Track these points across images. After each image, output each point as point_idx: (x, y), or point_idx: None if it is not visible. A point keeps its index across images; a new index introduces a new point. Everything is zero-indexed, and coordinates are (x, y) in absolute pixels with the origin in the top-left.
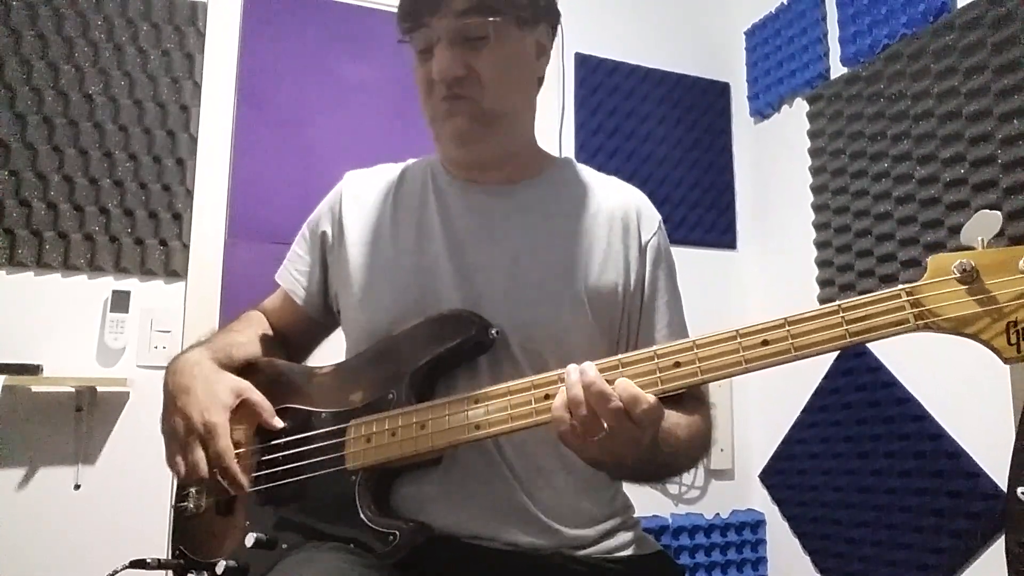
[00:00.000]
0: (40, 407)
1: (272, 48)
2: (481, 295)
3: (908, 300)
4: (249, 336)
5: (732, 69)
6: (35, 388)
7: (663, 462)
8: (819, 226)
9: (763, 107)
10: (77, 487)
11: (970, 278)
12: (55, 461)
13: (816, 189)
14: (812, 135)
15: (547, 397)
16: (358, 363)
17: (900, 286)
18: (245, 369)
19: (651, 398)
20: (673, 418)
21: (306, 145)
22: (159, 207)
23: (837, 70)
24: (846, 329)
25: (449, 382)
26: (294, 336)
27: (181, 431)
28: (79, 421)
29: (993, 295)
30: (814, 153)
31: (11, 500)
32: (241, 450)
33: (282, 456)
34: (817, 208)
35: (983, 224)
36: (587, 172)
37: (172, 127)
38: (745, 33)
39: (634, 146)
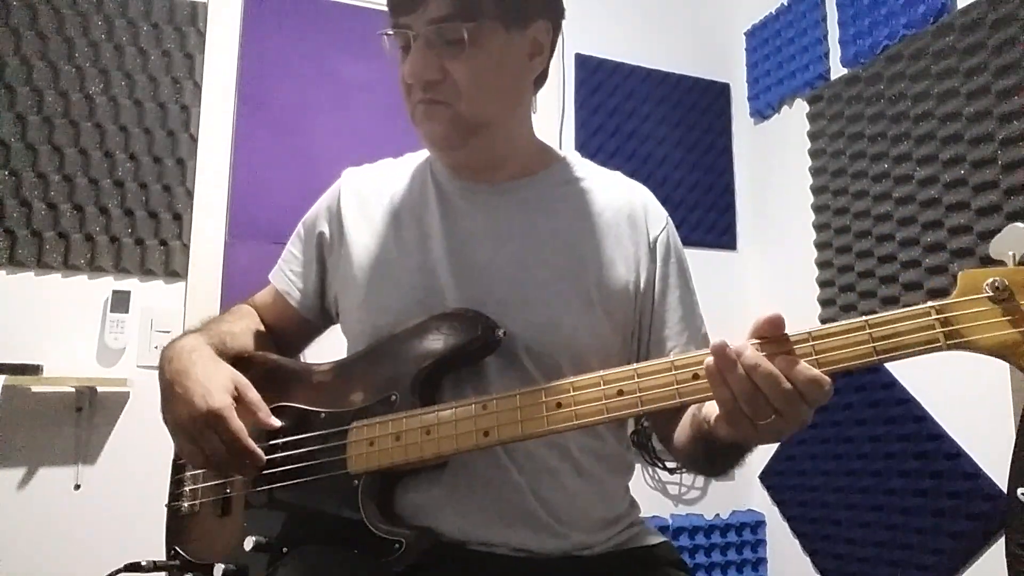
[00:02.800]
0: (40, 407)
1: (272, 48)
2: (487, 296)
3: (937, 319)
4: (242, 328)
5: (732, 70)
6: (35, 388)
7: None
8: (819, 227)
9: (763, 108)
10: (77, 487)
11: (1003, 296)
12: (55, 461)
13: (816, 190)
14: (812, 136)
15: (559, 406)
16: (359, 362)
17: (929, 303)
18: (238, 362)
19: (828, 380)
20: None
21: (306, 145)
22: (159, 207)
23: (837, 71)
24: (873, 347)
25: (454, 382)
26: (285, 335)
27: (185, 418)
28: (79, 421)
29: None
30: (814, 154)
31: (11, 500)
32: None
33: (280, 457)
34: (817, 209)
35: (1015, 237)
36: (591, 168)
37: (172, 127)
38: (745, 34)
39: (634, 146)
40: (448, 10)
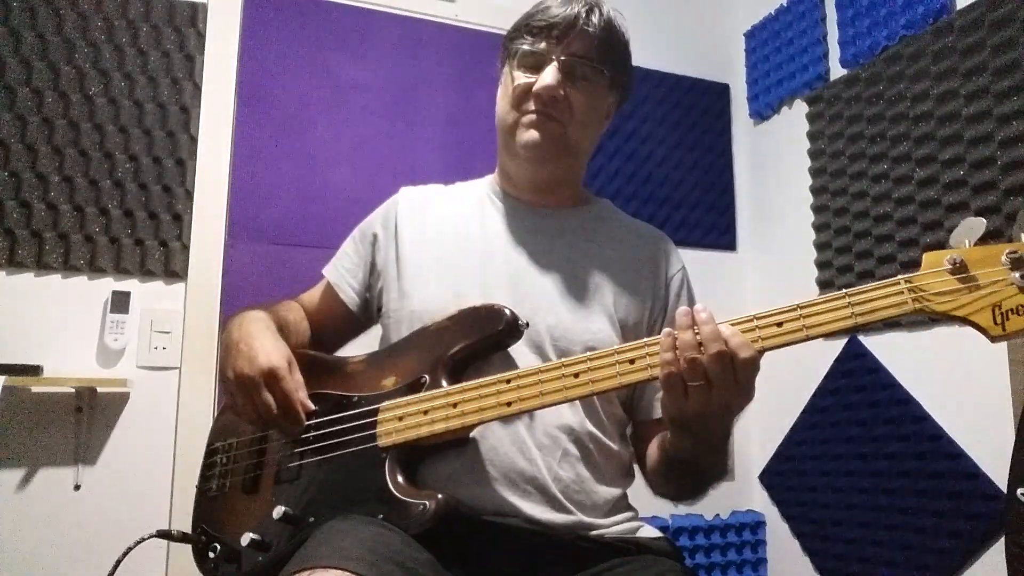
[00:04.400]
0: (40, 407)
1: (272, 49)
2: (526, 294)
3: (907, 287)
4: (295, 319)
5: (732, 70)
6: (35, 388)
7: (722, 458)
8: (818, 227)
9: (763, 108)
10: (77, 487)
11: (959, 270)
12: (55, 461)
13: (815, 190)
14: (812, 136)
15: (576, 376)
16: (391, 351)
17: (899, 276)
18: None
19: (755, 347)
20: None
21: (306, 146)
22: (159, 208)
23: (837, 72)
24: (852, 311)
25: (481, 370)
26: (328, 331)
27: (246, 372)
28: (79, 421)
29: (979, 283)
30: (814, 155)
31: (11, 500)
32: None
33: (313, 435)
34: (816, 209)
35: (969, 229)
36: (621, 213)
37: (172, 128)
38: (745, 35)
39: (634, 146)
40: (588, 52)
